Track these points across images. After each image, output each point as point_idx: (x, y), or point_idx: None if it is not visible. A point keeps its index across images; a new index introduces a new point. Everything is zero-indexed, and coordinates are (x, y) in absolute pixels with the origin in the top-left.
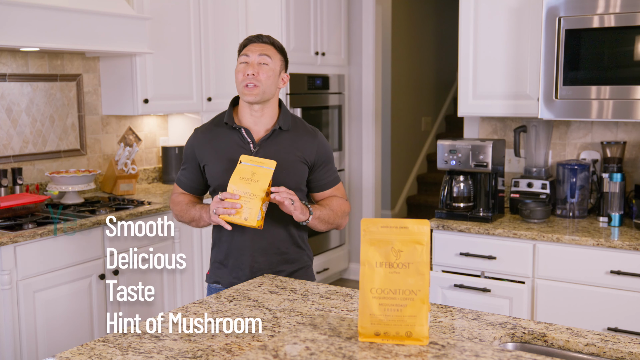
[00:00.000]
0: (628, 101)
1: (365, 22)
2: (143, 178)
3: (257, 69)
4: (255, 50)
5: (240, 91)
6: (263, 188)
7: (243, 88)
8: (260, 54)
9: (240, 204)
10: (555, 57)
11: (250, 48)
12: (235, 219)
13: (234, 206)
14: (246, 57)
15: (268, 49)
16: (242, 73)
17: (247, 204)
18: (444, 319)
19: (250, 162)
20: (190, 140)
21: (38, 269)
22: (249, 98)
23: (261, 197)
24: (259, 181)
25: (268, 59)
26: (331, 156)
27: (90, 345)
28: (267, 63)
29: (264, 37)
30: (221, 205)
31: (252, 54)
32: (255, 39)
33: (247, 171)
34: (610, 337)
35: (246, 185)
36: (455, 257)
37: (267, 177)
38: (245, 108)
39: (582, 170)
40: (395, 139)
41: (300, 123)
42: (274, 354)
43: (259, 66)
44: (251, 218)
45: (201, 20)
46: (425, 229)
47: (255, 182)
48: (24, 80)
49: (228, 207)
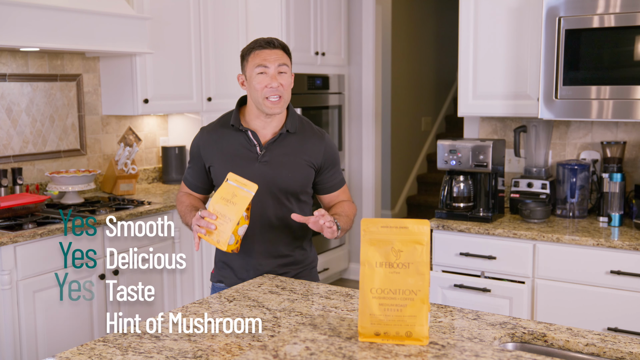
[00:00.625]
0: (628, 101)
1: (365, 22)
2: (143, 178)
3: (279, 79)
4: (273, 59)
5: (261, 103)
6: (239, 212)
7: (265, 100)
8: (279, 64)
9: (215, 225)
10: (555, 57)
11: (266, 57)
12: (208, 239)
13: (209, 226)
14: (265, 67)
15: (282, 55)
16: (264, 85)
17: (222, 227)
18: (444, 319)
19: (235, 182)
20: (197, 140)
21: (38, 269)
22: (274, 110)
23: (235, 222)
24: (237, 204)
25: (286, 67)
26: (338, 159)
27: (90, 345)
28: (285, 72)
29: (276, 42)
30: (199, 223)
31: (270, 65)
32: (267, 45)
33: (229, 191)
34: (610, 337)
35: (224, 207)
36: (455, 257)
37: (245, 202)
38: (254, 112)
39: (582, 170)
40: (395, 139)
41: (308, 125)
42: (274, 354)
43: (280, 76)
44: (222, 242)
45: (201, 20)
46: (425, 229)
47: (233, 204)
48: (24, 80)
49: (203, 227)
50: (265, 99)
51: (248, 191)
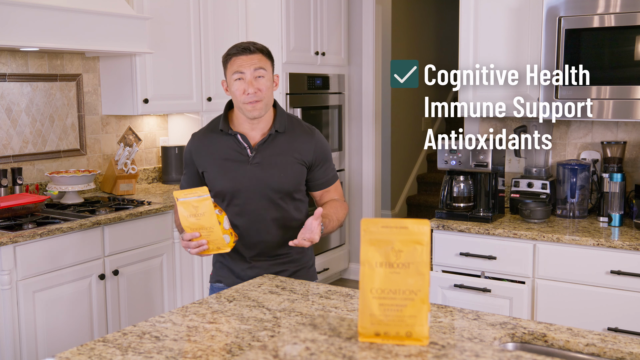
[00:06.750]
0: (628, 101)
1: (365, 22)
2: (143, 178)
3: (255, 84)
4: (248, 64)
5: (241, 108)
6: (212, 216)
7: (245, 105)
8: (255, 68)
9: (206, 239)
10: (556, 56)
11: (242, 63)
12: (210, 252)
13: (201, 244)
14: (240, 73)
15: (259, 59)
16: (241, 91)
17: (210, 237)
18: (444, 319)
19: (184, 196)
20: (188, 146)
21: (38, 269)
22: (254, 114)
23: (217, 226)
24: (205, 213)
25: (263, 71)
26: (329, 154)
27: (90, 345)
28: (263, 75)
29: (252, 47)
30: (190, 247)
31: (246, 70)
32: (243, 52)
33: (189, 207)
34: (610, 337)
35: (197, 222)
36: (455, 257)
37: (208, 205)
38: (241, 115)
39: (582, 170)
40: (395, 139)
41: (297, 123)
42: (274, 354)
43: (256, 81)
44: (222, 246)
45: (201, 20)
46: (426, 229)
47: (202, 215)
48: (23, 80)
49: (196, 248)
50: (245, 104)
51: (202, 195)
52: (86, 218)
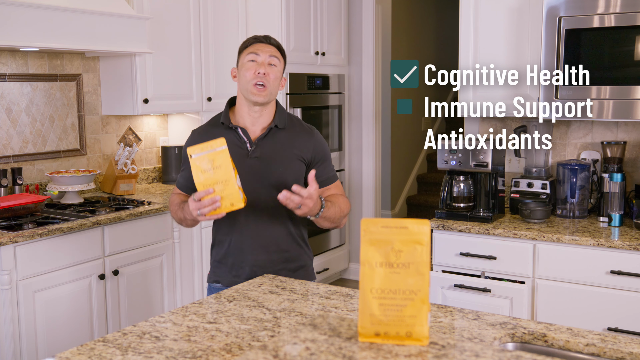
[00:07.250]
0: (628, 101)
1: (365, 22)
2: (143, 178)
3: (267, 69)
4: (265, 50)
5: (247, 90)
6: (228, 169)
7: (252, 87)
8: (270, 55)
9: (219, 196)
10: (556, 56)
11: (259, 47)
12: (222, 210)
13: (215, 200)
14: (256, 55)
15: (275, 51)
16: (252, 71)
17: (225, 192)
18: (444, 319)
19: (200, 150)
20: (188, 142)
21: (38, 269)
22: (257, 98)
23: (233, 178)
24: (221, 165)
25: (276, 61)
26: (328, 154)
27: (90, 345)
28: (275, 65)
29: (272, 39)
30: (202, 206)
31: (262, 54)
32: (263, 39)
33: (204, 162)
34: (610, 337)
35: (212, 177)
36: (455, 257)
37: (226, 157)
38: (243, 107)
39: (582, 170)
40: (395, 139)
41: (297, 121)
42: (274, 354)
43: (269, 67)
44: (236, 201)
45: (201, 20)
46: (426, 229)
47: (218, 168)
48: (23, 80)
49: (209, 205)
50: (253, 86)
51: (220, 147)
52: (86, 218)
